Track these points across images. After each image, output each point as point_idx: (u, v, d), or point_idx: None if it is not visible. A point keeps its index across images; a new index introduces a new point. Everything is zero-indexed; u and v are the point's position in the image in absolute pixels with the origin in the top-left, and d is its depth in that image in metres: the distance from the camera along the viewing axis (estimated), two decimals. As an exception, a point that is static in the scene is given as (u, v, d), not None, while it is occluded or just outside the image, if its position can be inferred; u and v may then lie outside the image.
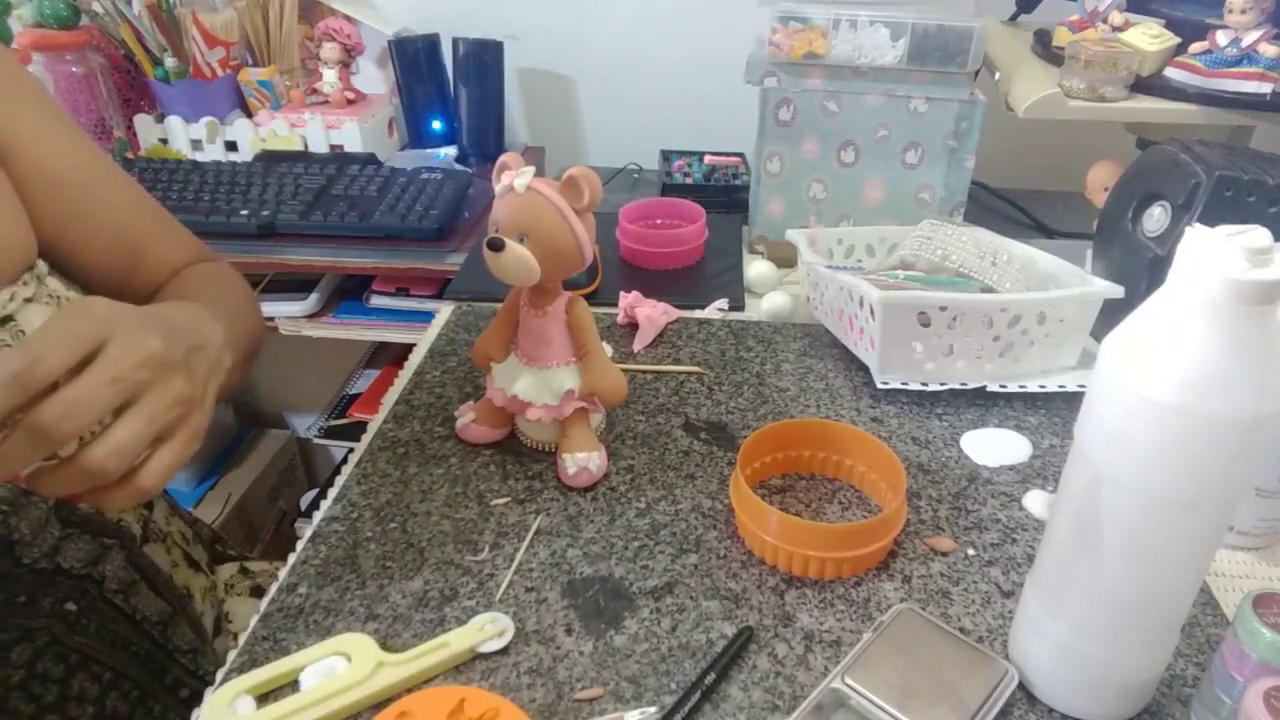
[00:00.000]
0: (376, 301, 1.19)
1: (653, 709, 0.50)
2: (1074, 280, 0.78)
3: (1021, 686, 0.51)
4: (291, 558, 0.60)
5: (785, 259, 0.97)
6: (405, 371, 0.80)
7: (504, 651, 0.53)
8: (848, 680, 0.50)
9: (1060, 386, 0.76)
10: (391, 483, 0.66)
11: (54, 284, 0.56)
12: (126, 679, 0.59)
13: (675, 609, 0.56)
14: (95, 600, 0.58)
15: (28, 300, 0.53)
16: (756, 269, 0.94)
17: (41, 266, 0.56)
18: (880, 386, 0.76)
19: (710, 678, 0.51)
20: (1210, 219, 0.56)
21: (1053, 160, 1.22)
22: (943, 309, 0.72)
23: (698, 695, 0.50)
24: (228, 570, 0.78)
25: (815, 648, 0.54)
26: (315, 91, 1.26)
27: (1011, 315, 0.73)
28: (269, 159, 1.21)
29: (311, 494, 1.58)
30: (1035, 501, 0.66)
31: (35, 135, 0.58)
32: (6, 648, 0.53)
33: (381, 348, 1.51)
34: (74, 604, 0.56)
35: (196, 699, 0.65)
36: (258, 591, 0.78)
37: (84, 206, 0.60)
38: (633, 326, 0.86)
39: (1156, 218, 0.76)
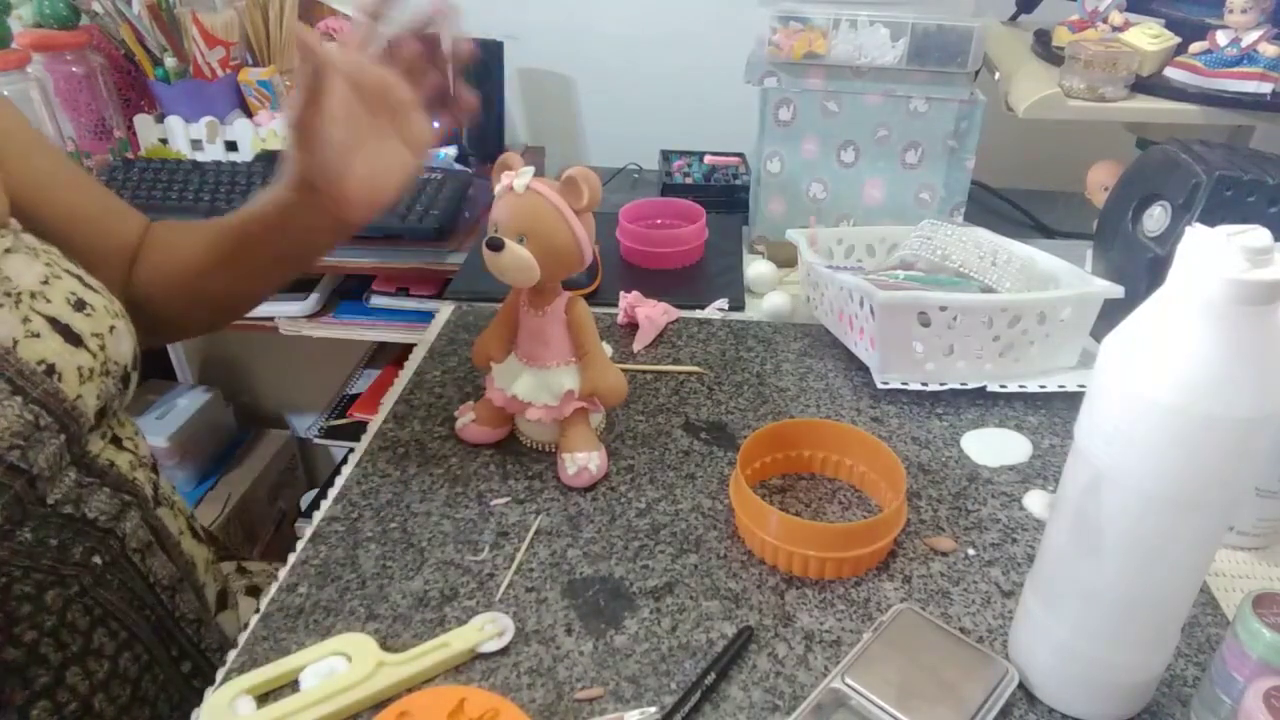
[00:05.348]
0: (376, 301, 1.19)
1: (653, 709, 0.50)
2: (1074, 280, 0.78)
3: (1021, 686, 0.51)
4: (291, 558, 0.60)
5: (785, 259, 0.98)
6: (405, 371, 0.80)
7: (504, 651, 0.53)
8: (848, 680, 0.50)
9: (1060, 386, 0.76)
10: (391, 483, 0.66)
11: (29, 239, 0.59)
12: (139, 641, 0.61)
13: (675, 609, 0.56)
14: (119, 557, 0.60)
15: (8, 250, 0.56)
16: (756, 269, 0.94)
17: (15, 224, 0.59)
18: (880, 386, 0.76)
19: (710, 678, 0.51)
20: (1210, 219, 0.56)
21: (1053, 160, 1.22)
22: (943, 309, 0.72)
23: (698, 695, 0.50)
24: (225, 568, 0.78)
25: (815, 648, 0.54)
26: (315, 91, 1.26)
27: (1011, 315, 0.73)
28: (269, 159, 1.21)
29: (311, 494, 1.58)
30: (1035, 501, 0.66)
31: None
32: (42, 589, 0.55)
33: (381, 348, 1.51)
34: (100, 558, 0.58)
35: (197, 674, 0.66)
36: (254, 591, 0.79)
37: (48, 171, 0.65)
38: (633, 326, 0.86)
39: (1156, 218, 0.76)
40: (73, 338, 0.55)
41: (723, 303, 0.91)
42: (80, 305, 0.57)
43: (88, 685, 0.57)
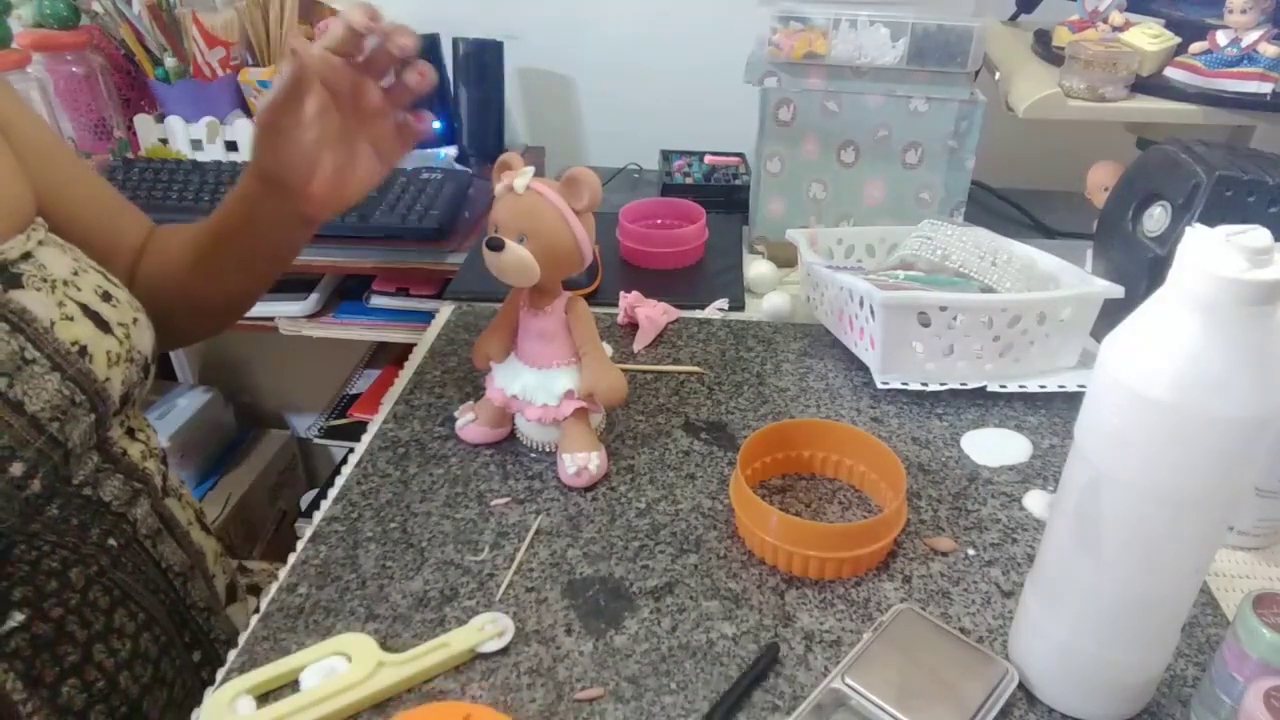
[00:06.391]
0: (376, 301, 1.19)
1: (653, 709, 0.50)
2: (1074, 280, 0.78)
3: (1021, 686, 0.51)
4: (291, 558, 0.60)
5: (785, 259, 0.97)
6: (405, 371, 0.80)
7: (504, 651, 0.53)
8: (848, 680, 0.50)
9: (1060, 386, 0.76)
10: (391, 483, 0.66)
11: (55, 237, 0.61)
12: (156, 624, 0.63)
13: (675, 609, 0.56)
14: (131, 541, 0.61)
15: (41, 243, 0.59)
16: (756, 269, 0.94)
17: (42, 222, 0.61)
18: (880, 386, 0.76)
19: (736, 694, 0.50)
20: (1210, 219, 0.56)
21: (1053, 160, 1.22)
22: (943, 309, 0.72)
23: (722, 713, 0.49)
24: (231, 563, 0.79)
25: (815, 648, 0.54)
26: (315, 91, 1.26)
27: (1011, 315, 0.73)
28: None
29: (311, 494, 1.58)
30: (1035, 501, 0.66)
31: (22, 114, 0.66)
32: (68, 565, 0.57)
33: (381, 348, 1.51)
34: (115, 540, 0.60)
35: (206, 664, 0.68)
36: (254, 591, 0.79)
37: (69, 175, 0.68)
38: (633, 326, 0.86)
39: (1156, 218, 0.76)
40: (102, 324, 0.58)
41: (723, 303, 0.91)
42: (107, 297, 0.60)
43: (113, 663, 0.59)
